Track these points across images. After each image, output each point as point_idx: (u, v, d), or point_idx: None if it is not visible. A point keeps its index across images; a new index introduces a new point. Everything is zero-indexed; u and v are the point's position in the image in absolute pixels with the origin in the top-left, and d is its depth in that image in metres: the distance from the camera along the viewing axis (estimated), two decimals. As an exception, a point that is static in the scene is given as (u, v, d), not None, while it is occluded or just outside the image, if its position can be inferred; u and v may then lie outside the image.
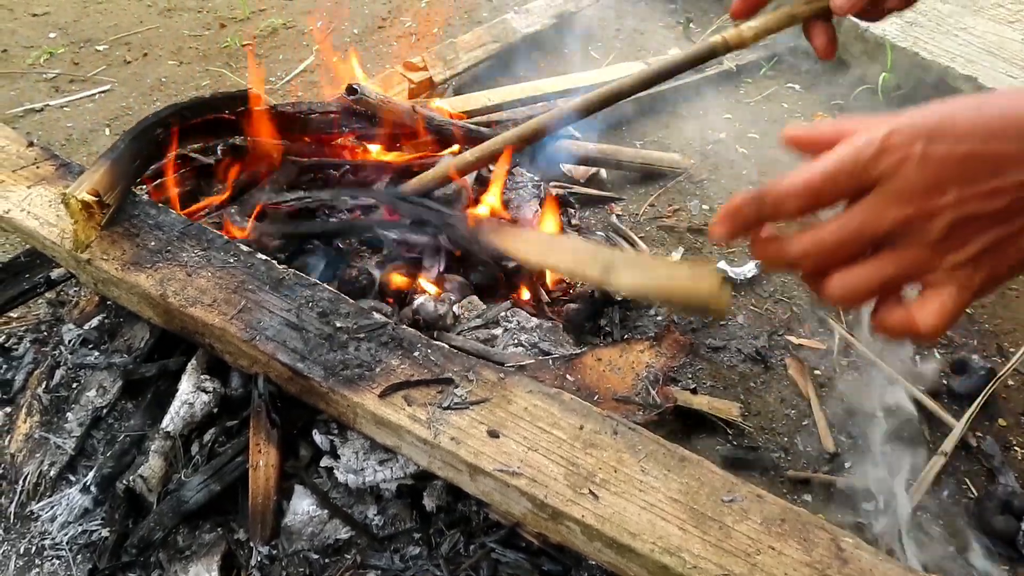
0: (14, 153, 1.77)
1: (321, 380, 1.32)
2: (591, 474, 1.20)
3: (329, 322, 1.42)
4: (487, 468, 1.20)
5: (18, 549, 1.41)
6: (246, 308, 1.44)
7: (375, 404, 1.29)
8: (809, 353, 1.80)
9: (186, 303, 1.45)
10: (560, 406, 1.29)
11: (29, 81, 2.91)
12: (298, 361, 1.35)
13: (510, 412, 1.28)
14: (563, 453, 1.22)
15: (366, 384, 1.32)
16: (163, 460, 1.43)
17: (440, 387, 1.31)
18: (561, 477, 1.19)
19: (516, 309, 1.74)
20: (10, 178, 1.71)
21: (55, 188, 1.68)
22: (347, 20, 3.22)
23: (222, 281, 1.49)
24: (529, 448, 1.23)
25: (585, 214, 2.20)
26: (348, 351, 1.37)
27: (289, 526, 1.37)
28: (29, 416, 1.55)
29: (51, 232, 1.59)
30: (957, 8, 2.56)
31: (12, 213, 1.63)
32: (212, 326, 1.42)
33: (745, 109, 2.60)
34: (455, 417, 1.27)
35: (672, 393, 1.49)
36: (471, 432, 1.25)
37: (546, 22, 2.90)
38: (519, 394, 1.31)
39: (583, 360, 1.53)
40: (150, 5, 3.39)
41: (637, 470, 1.20)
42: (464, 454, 1.22)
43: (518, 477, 1.19)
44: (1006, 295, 1.91)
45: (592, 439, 1.24)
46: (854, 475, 1.56)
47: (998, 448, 1.59)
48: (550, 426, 1.26)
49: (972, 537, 1.45)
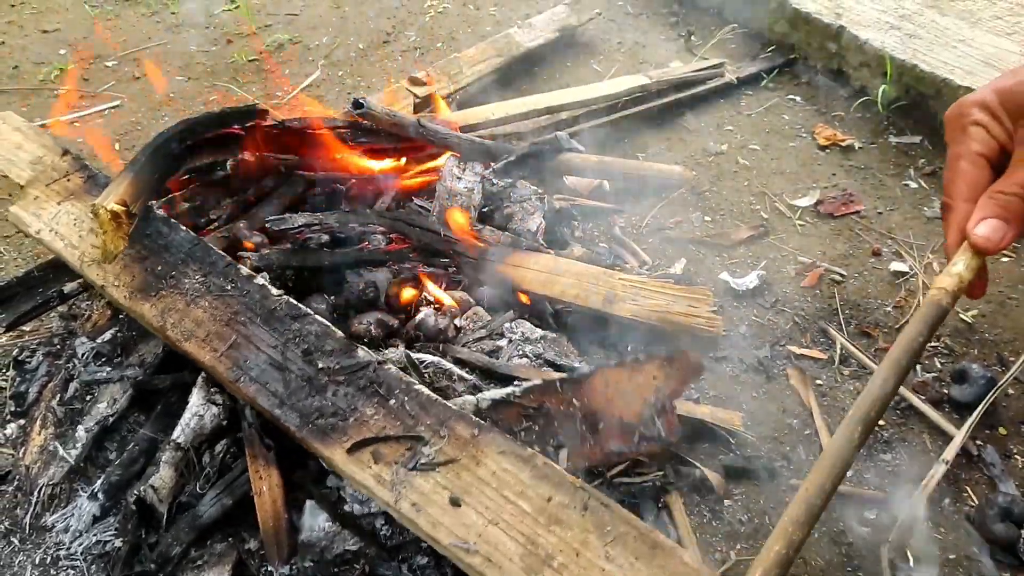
0: (49, 164, 1.81)
1: (296, 428, 1.32)
2: (550, 556, 1.12)
3: (312, 361, 1.41)
4: (444, 541, 1.16)
5: (33, 559, 1.43)
6: (235, 344, 1.45)
7: (343, 460, 1.27)
8: (810, 363, 1.82)
9: (182, 337, 1.47)
10: (531, 472, 1.23)
11: (40, 97, 2.95)
12: (276, 407, 1.36)
13: (477, 476, 1.23)
14: (524, 529, 1.16)
15: (338, 436, 1.30)
16: (174, 471, 1.46)
17: (409, 443, 1.27)
18: (518, 558, 1.12)
19: (520, 320, 1.76)
20: (44, 193, 1.75)
21: (82, 203, 1.72)
22: (352, 35, 3.26)
23: (217, 312, 1.50)
24: (490, 521, 1.17)
25: (588, 226, 2.23)
26: (326, 396, 1.36)
27: (306, 541, 1.39)
28: (44, 428, 1.58)
29: (72, 255, 1.62)
30: (956, 20, 2.59)
31: (43, 233, 1.68)
32: (204, 364, 1.44)
33: (746, 121, 2.62)
34: (420, 480, 1.23)
35: (678, 425, 1.45)
36: (433, 498, 1.21)
37: (549, 36, 2.94)
38: (490, 455, 1.25)
39: (591, 383, 1.49)
40: (158, 21, 3.44)
41: (601, 556, 1.12)
42: (423, 523, 1.18)
43: (473, 555, 1.13)
44: (1006, 304, 1.93)
45: (559, 514, 1.17)
46: (856, 484, 1.58)
47: (998, 456, 1.61)
48: (516, 495, 1.20)
49: (974, 544, 1.47)
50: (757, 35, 3.01)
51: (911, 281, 2.02)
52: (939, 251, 2.10)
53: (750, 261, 2.10)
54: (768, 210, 2.27)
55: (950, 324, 1.89)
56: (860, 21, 2.63)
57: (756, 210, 2.27)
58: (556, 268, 1.78)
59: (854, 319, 1.92)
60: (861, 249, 2.12)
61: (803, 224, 2.22)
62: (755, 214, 2.26)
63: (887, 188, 2.33)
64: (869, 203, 2.27)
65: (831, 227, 2.20)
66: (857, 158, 2.44)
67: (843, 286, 2.01)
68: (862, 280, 2.03)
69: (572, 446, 1.41)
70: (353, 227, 1.83)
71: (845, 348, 1.84)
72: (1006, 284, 1.99)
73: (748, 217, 2.25)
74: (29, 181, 1.77)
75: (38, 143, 1.89)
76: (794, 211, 2.26)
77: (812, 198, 2.29)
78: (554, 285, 1.75)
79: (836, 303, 1.96)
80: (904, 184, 2.34)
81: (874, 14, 2.67)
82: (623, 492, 1.51)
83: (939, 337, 1.86)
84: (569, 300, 1.74)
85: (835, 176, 2.38)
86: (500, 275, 1.77)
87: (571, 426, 1.44)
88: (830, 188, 2.33)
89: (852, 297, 1.98)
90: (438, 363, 1.58)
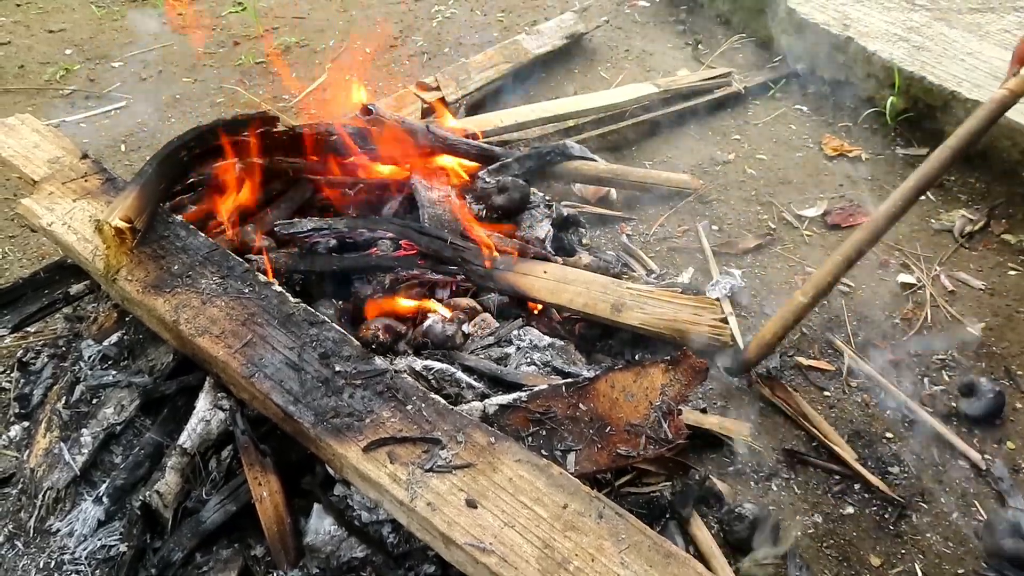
0: (67, 165, 1.82)
1: (310, 426, 1.31)
2: (566, 560, 1.13)
3: (329, 364, 1.41)
4: (459, 540, 1.15)
5: (38, 563, 1.42)
6: (251, 343, 1.44)
7: (358, 458, 1.26)
8: (818, 375, 1.82)
9: (196, 332, 1.46)
10: (547, 480, 1.23)
11: (46, 97, 2.95)
12: (291, 404, 1.35)
13: (494, 481, 1.23)
14: (541, 533, 1.16)
15: (353, 435, 1.29)
16: (179, 476, 1.45)
17: (427, 446, 1.27)
18: (534, 560, 1.13)
19: (528, 328, 1.76)
20: (59, 190, 1.75)
21: (98, 203, 1.72)
22: (359, 39, 3.26)
23: (233, 312, 1.50)
24: (506, 523, 1.17)
25: (596, 233, 2.22)
26: (342, 397, 1.35)
27: (312, 545, 1.38)
28: (49, 431, 1.57)
29: (85, 248, 1.62)
30: (964, 33, 2.60)
31: (54, 226, 1.67)
32: (216, 358, 1.43)
33: (754, 130, 2.62)
34: (436, 481, 1.22)
35: (684, 427, 1.46)
36: (449, 499, 1.20)
37: (557, 43, 2.94)
38: (507, 462, 1.26)
39: (596, 387, 1.50)
40: (165, 23, 3.44)
41: (616, 562, 1.13)
42: (438, 522, 1.17)
43: (489, 555, 1.13)
44: (1013, 318, 1.93)
45: (574, 521, 1.18)
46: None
47: (1007, 471, 1.60)
48: (532, 501, 1.20)
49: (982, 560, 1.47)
50: (765, 45, 3.01)
51: (919, 293, 2.01)
52: (947, 263, 2.10)
53: (756, 271, 2.09)
54: (775, 220, 2.27)
55: (958, 338, 1.89)
56: (868, 32, 2.64)
57: (763, 220, 2.27)
58: (564, 277, 1.77)
59: (861, 330, 1.92)
60: (868, 261, 2.11)
61: (810, 234, 2.22)
62: (762, 223, 2.26)
63: (894, 199, 2.33)
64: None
65: (838, 237, 2.20)
66: (864, 169, 2.44)
67: (850, 297, 2.01)
68: (869, 292, 2.02)
69: (580, 450, 1.41)
70: (362, 232, 1.83)
71: (852, 359, 1.83)
72: (1014, 298, 1.99)
73: (755, 226, 2.24)
74: (44, 178, 1.77)
75: (57, 144, 1.90)
76: (801, 221, 2.26)
77: (819, 208, 2.29)
78: (562, 293, 1.74)
79: (844, 314, 1.96)
80: (911, 196, 2.34)
81: (882, 26, 2.67)
82: (631, 503, 1.50)
83: (947, 351, 1.86)
84: (577, 308, 1.73)
85: (842, 187, 2.38)
86: (508, 283, 1.77)
87: (578, 430, 1.44)
88: (837, 199, 2.33)
89: (859, 308, 1.98)
90: (445, 370, 1.57)
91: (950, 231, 2.20)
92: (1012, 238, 2.16)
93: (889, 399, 1.75)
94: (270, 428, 1.48)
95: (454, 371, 1.59)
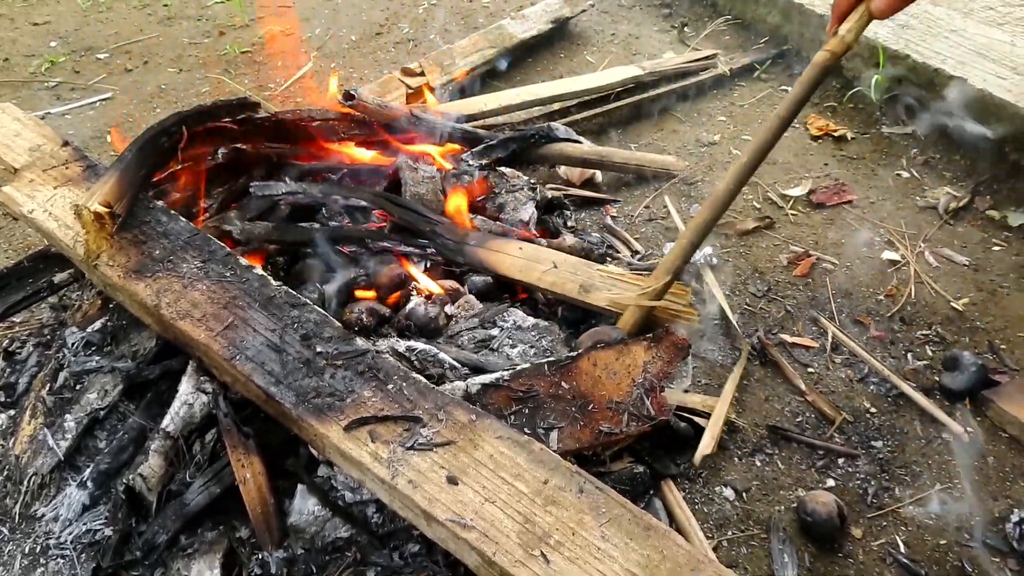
0: (48, 152, 1.81)
1: (291, 406, 1.32)
2: (546, 534, 1.13)
3: (310, 345, 1.41)
4: (440, 517, 1.16)
5: (23, 549, 1.43)
6: (233, 325, 1.45)
7: (339, 437, 1.27)
8: (802, 351, 1.82)
9: (177, 316, 1.46)
10: (528, 456, 1.24)
11: (31, 89, 2.94)
12: (272, 385, 1.35)
13: (474, 458, 1.24)
14: (521, 508, 1.17)
15: (334, 415, 1.30)
16: (163, 460, 1.45)
17: (407, 424, 1.28)
18: (514, 534, 1.13)
19: (512, 309, 1.76)
20: (40, 177, 1.75)
21: (79, 189, 1.72)
22: (344, 27, 3.25)
23: (215, 295, 1.50)
24: (487, 499, 1.18)
25: (581, 215, 2.22)
26: (323, 378, 1.36)
27: (296, 525, 1.39)
28: (33, 418, 1.57)
29: (67, 235, 1.62)
30: (948, 11, 2.59)
31: (35, 213, 1.67)
32: (198, 341, 1.43)
33: (739, 112, 2.62)
34: (417, 458, 1.23)
35: (667, 403, 1.47)
36: (430, 476, 1.21)
37: (542, 27, 2.94)
38: (487, 439, 1.26)
39: (579, 365, 1.51)
40: (150, 14, 3.43)
41: (597, 535, 1.13)
42: (419, 499, 1.18)
43: (469, 530, 1.14)
44: (997, 292, 1.94)
45: (555, 496, 1.18)
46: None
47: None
48: (513, 477, 1.21)
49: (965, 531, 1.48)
50: (750, 26, 3.01)
51: (903, 270, 2.02)
52: (932, 240, 2.10)
53: (741, 250, 2.10)
54: (761, 200, 2.27)
55: (941, 312, 1.90)
56: (853, 11, 2.63)
57: (749, 200, 2.27)
58: (536, 256, 1.77)
59: (845, 308, 1.92)
60: (853, 238, 2.12)
61: (795, 213, 2.23)
62: (748, 204, 2.26)
63: (879, 178, 2.33)
64: (861, 192, 2.27)
65: (823, 216, 2.20)
66: (849, 148, 2.45)
67: (835, 275, 2.02)
68: (853, 269, 2.03)
69: (562, 428, 1.41)
70: (336, 199, 1.82)
71: (836, 336, 1.84)
72: (997, 273, 1.99)
73: (741, 207, 2.25)
74: (25, 165, 1.77)
75: (38, 132, 1.89)
76: (786, 201, 2.26)
77: (804, 188, 2.30)
78: (532, 272, 1.74)
79: (828, 292, 1.96)
80: (896, 174, 2.34)
81: (867, 4, 2.66)
82: (614, 479, 1.51)
83: (931, 325, 1.86)
84: (546, 287, 1.73)
85: (827, 166, 2.38)
86: (478, 258, 1.76)
87: (561, 408, 1.45)
88: (822, 178, 2.34)
89: (844, 286, 1.98)
90: (428, 350, 1.58)
91: (935, 208, 2.20)
92: (996, 214, 2.16)
93: (872, 374, 1.75)
94: (253, 411, 1.48)
95: (436, 352, 1.59)
